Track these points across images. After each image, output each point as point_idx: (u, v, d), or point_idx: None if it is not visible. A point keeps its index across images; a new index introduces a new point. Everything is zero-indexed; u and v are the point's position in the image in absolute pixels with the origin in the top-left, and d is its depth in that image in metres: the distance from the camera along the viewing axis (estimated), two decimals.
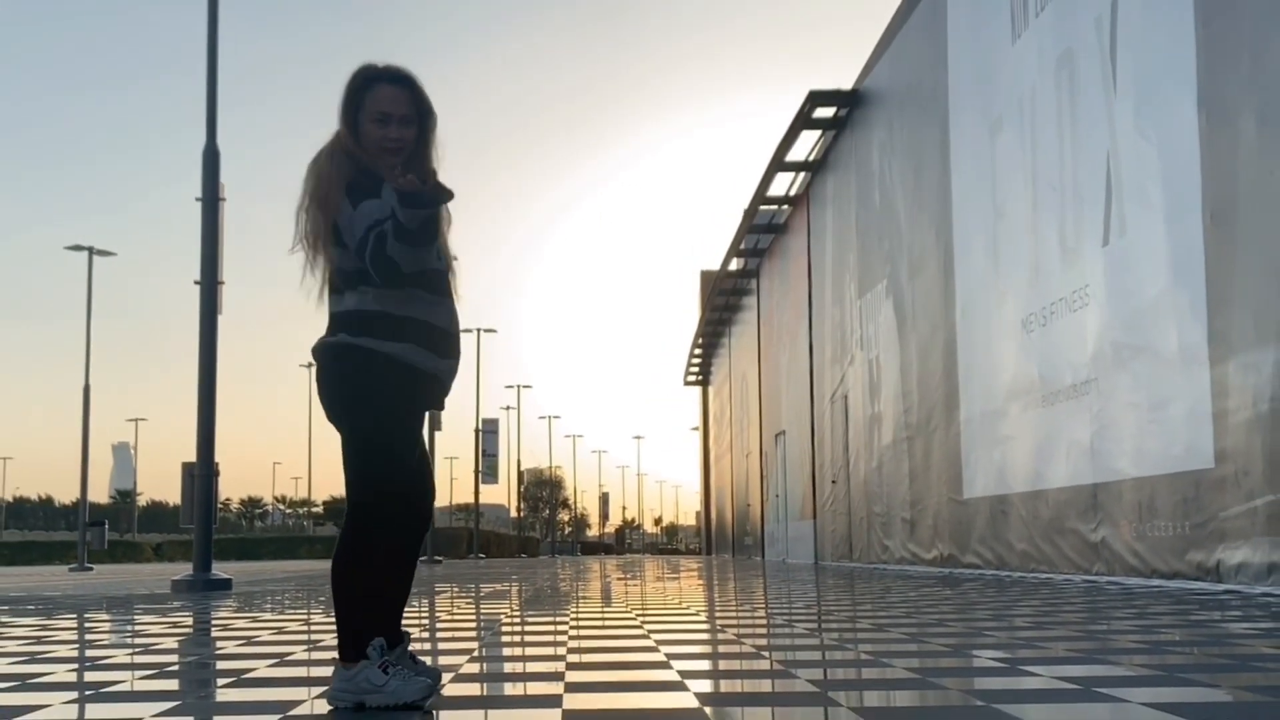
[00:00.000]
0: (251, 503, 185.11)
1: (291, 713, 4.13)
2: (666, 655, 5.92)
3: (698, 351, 57.50)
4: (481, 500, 68.18)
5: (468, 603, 11.71)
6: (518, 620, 9.06)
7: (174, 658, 6.35)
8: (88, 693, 4.82)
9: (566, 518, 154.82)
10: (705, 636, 7.20)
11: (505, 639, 7.26)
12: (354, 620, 4.19)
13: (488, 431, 64.68)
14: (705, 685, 4.77)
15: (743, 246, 37.44)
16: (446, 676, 5.04)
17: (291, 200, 4.39)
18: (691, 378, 63.04)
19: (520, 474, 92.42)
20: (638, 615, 9.32)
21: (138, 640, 7.66)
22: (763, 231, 35.41)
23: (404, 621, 4.44)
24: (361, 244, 4.20)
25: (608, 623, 8.56)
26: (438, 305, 4.36)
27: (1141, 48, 13.34)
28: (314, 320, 4.39)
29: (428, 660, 5.83)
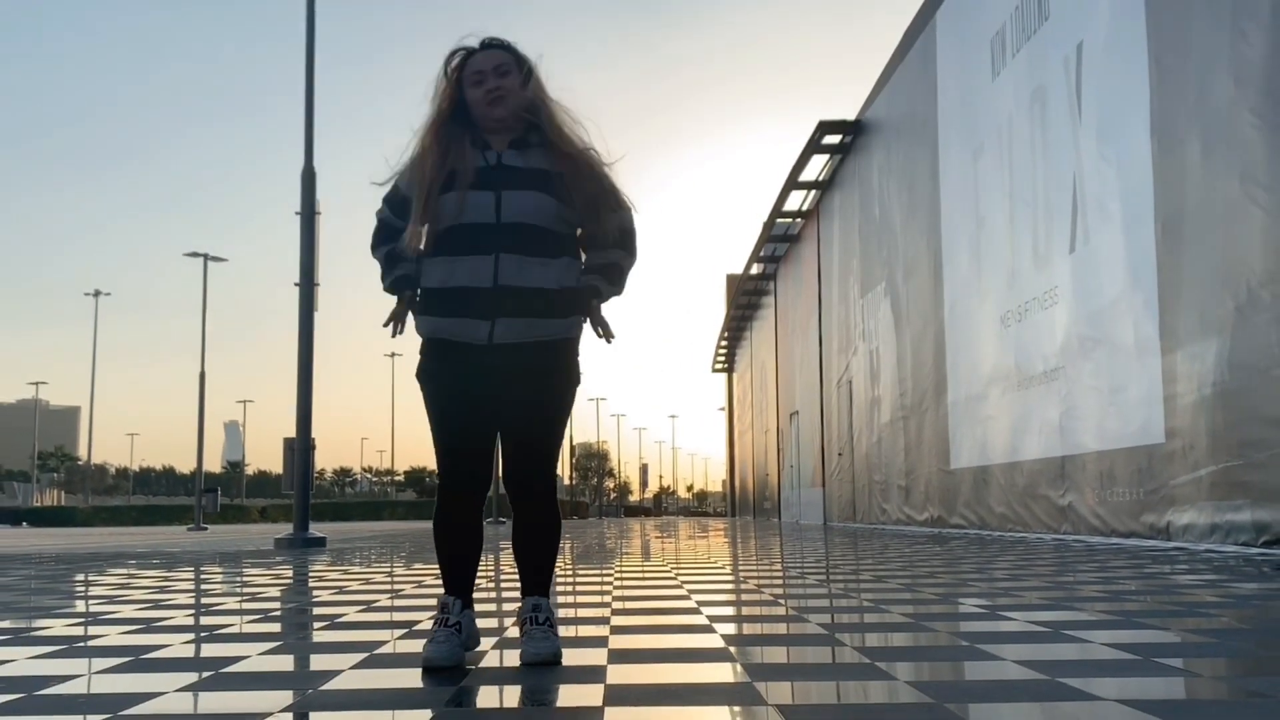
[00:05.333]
0: (343, 472, 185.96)
1: (377, 651, 4.15)
2: (697, 602, 5.93)
3: (724, 343, 57.37)
4: None
5: None
6: (569, 571, 9.08)
7: (276, 604, 6.38)
8: (203, 634, 4.85)
9: (612, 485, 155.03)
10: (730, 586, 7.20)
11: (560, 588, 7.27)
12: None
13: None
14: (730, 628, 4.77)
15: (762, 253, 37.35)
16: (508, 621, 5.05)
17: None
18: (718, 366, 62.89)
19: (572, 448, 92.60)
20: (673, 568, 9.33)
21: (246, 589, 7.71)
22: (779, 241, 35.31)
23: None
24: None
25: (647, 575, 8.57)
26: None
27: (1103, 84, 13.27)
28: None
29: (491, 607, 5.85)
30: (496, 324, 3.66)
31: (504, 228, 3.68)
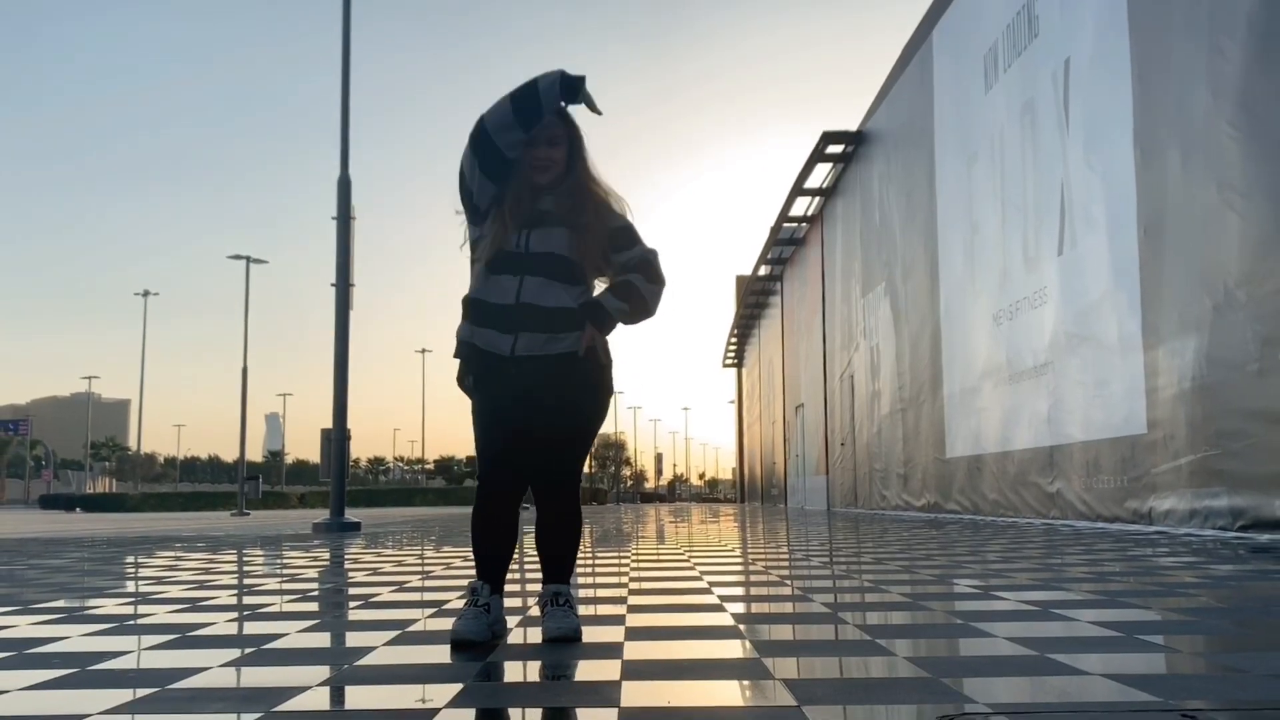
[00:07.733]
0: (376, 461, 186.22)
1: (409, 629, 4.16)
2: (709, 583, 5.93)
3: (733, 340, 57.31)
4: None
5: None
6: (589, 554, 9.08)
7: (314, 585, 6.40)
8: (245, 613, 4.87)
9: (628, 473, 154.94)
10: (739, 568, 7.20)
11: (579, 569, 7.27)
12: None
13: None
14: (740, 607, 4.77)
15: (769, 256, 37.30)
16: (531, 601, 5.05)
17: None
18: (729, 361, 62.82)
19: None
20: (686, 551, 9.33)
21: (285, 571, 7.73)
22: (785, 244, 35.26)
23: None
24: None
25: (662, 557, 8.57)
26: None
27: (1088, 97, 13.23)
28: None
29: (516, 588, 5.86)
30: (519, 338, 3.75)
31: (533, 256, 3.77)
